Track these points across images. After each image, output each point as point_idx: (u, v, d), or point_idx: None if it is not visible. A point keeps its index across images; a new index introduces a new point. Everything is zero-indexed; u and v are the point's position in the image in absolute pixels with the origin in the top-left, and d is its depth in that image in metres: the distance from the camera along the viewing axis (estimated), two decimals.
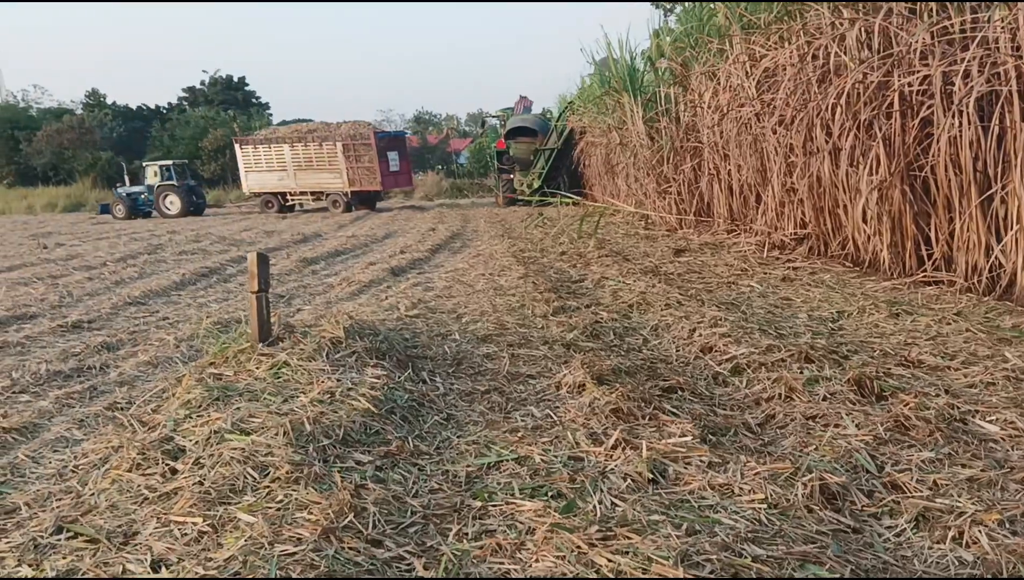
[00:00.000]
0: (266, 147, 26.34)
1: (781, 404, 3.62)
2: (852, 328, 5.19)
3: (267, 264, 4.07)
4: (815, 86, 7.18)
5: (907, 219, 6.72)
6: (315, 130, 27.02)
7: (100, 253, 12.98)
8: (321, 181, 25.84)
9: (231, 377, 3.82)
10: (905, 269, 6.90)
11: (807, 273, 7.60)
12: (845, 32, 6.62)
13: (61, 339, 6.33)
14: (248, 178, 26.84)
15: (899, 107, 6.23)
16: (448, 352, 4.67)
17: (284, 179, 26.20)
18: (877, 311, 5.47)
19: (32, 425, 4.03)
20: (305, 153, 25.84)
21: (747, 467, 2.71)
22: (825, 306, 5.95)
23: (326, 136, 25.87)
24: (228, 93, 53.71)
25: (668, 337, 5.09)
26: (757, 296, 6.57)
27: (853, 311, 5.62)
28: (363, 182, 25.49)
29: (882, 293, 6.36)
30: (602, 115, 15.05)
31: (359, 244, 13.39)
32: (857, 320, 5.40)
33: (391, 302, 6.84)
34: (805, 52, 7.32)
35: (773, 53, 7.89)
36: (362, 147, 25.33)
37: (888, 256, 6.94)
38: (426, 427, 3.38)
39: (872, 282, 6.89)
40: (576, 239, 11.21)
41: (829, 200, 7.76)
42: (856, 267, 7.65)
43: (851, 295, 6.29)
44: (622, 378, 3.98)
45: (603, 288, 7.30)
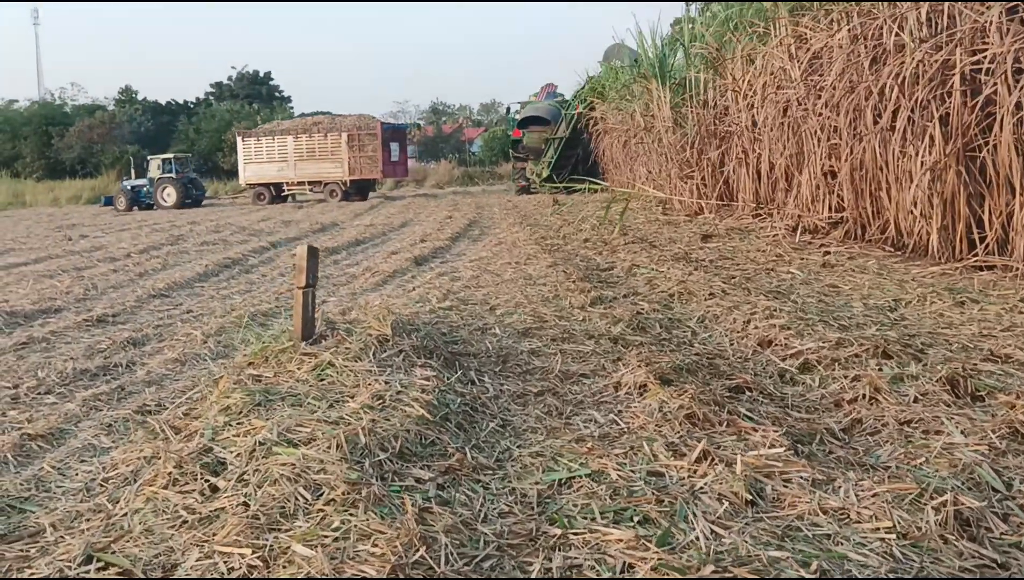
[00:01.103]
0: (269, 139, 26.83)
1: (866, 406, 3.25)
2: (915, 318, 4.80)
3: (317, 258, 3.72)
4: (866, 67, 6.74)
5: (960, 201, 6.30)
6: (320, 122, 27.66)
7: (123, 244, 12.70)
8: (321, 170, 26.23)
9: (272, 379, 3.48)
10: (955, 253, 6.49)
11: (846, 258, 7.21)
12: (907, 12, 6.17)
13: (86, 334, 6.04)
14: (247, 170, 27.24)
15: (959, 86, 5.79)
16: (491, 348, 4.32)
17: (284, 169, 26.61)
18: (939, 299, 5.09)
19: (58, 431, 3.71)
20: (309, 144, 26.29)
21: (860, 486, 2.35)
22: (877, 294, 5.56)
23: (331, 127, 26.46)
24: (253, 88, 53.82)
25: (719, 329, 4.73)
26: (800, 283, 6.19)
27: (912, 299, 5.24)
28: (364, 170, 25.99)
29: (933, 279, 5.97)
30: (625, 101, 14.61)
31: (377, 233, 13.04)
32: (918, 309, 5.02)
33: (420, 293, 6.49)
34: (858, 32, 6.88)
35: (822, 35, 7.44)
36: (367, 137, 25.89)
37: (937, 240, 6.53)
38: (483, 435, 3.03)
39: (918, 267, 6.49)
40: (598, 226, 10.83)
41: (872, 183, 7.34)
42: (897, 252, 7.25)
43: (902, 282, 5.90)
44: (684, 377, 3.62)
45: (635, 276, 6.94)
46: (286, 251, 10.95)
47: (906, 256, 7.01)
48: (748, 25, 9.57)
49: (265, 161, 26.72)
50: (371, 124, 26.37)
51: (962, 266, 6.21)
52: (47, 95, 56.74)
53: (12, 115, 50.24)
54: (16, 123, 48.67)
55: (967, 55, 5.82)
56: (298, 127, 27.14)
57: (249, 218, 18.35)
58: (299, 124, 27.82)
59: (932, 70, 6.05)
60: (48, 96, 56.18)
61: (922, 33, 6.17)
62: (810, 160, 8.28)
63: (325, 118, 28.59)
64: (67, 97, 54.49)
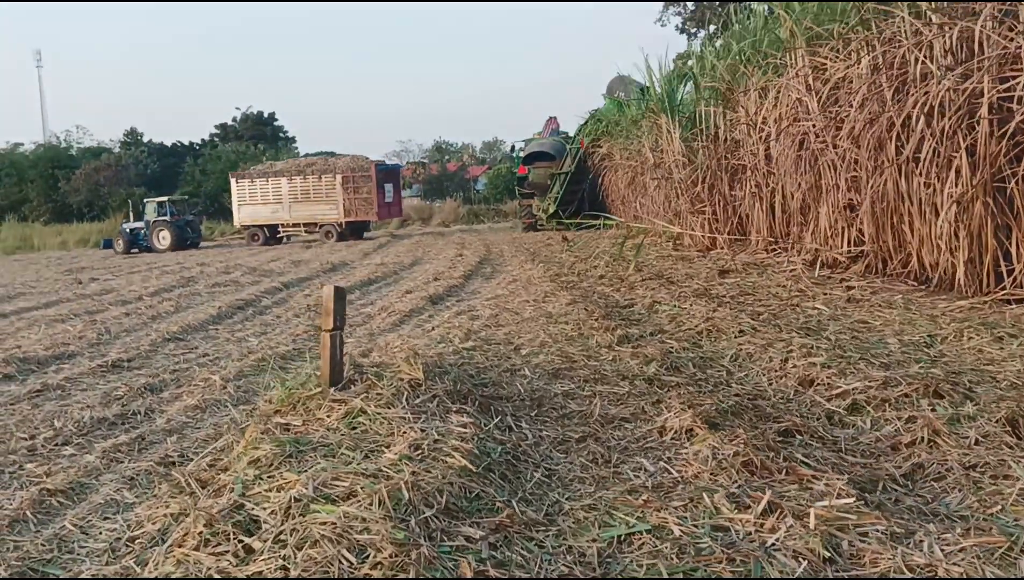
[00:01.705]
0: (263, 181, 26.89)
1: (926, 450, 3.08)
2: (954, 354, 4.64)
3: (344, 299, 3.58)
4: (889, 97, 6.67)
5: (988, 233, 6.16)
6: (314, 164, 27.73)
7: (134, 287, 12.60)
8: (316, 212, 26.26)
9: (301, 428, 3.32)
10: (982, 287, 6.34)
11: (869, 293, 7.05)
12: (933, 39, 6.11)
13: (102, 380, 5.89)
14: (241, 211, 27.26)
15: (987, 115, 5.71)
16: (523, 390, 4.16)
17: (278, 211, 26.61)
18: (977, 335, 4.92)
19: (79, 485, 3.55)
20: (303, 186, 26.35)
21: (943, 540, 2.18)
22: (910, 329, 5.41)
23: (325, 169, 26.51)
24: (257, 128, 54.34)
25: (756, 368, 4.57)
26: (828, 319, 6.03)
27: (947, 335, 5.08)
28: (359, 212, 26.01)
29: (963, 313, 5.81)
30: (634, 136, 14.62)
31: (389, 272, 12.94)
32: (956, 345, 4.86)
33: (440, 333, 6.35)
34: (879, 62, 6.82)
35: (841, 64, 7.40)
36: (361, 179, 25.91)
37: (964, 273, 6.39)
38: (529, 487, 2.86)
39: (944, 302, 6.33)
40: (612, 262, 10.71)
41: (894, 216, 7.22)
42: (921, 286, 7.09)
43: (933, 317, 5.75)
44: (730, 420, 3.46)
45: (657, 313, 6.79)
46: (299, 292, 10.85)
47: (931, 290, 6.86)
48: (763, 57, 9.55)
49: (260, 203, 26.75)
50: (365, 165, 26.39)
51: (991, 300, 6.06)
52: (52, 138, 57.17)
53: (18, 158, 50.54)
54: (22, 166, 48.93)
55: (995, 83, 5.74)
56: (292, 168, 27.22)
57: (258, 259, 18.29)
58: (293, 165, 27.90)
59: (960, 99, 5.96)
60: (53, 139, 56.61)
61: (947, 61, 6.10)
62: (828, 193, 8.19)
63: (319, 159, 28.70)
64: (72, 140, 54.95)
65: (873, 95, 6.87)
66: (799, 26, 8.19)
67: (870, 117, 7.06)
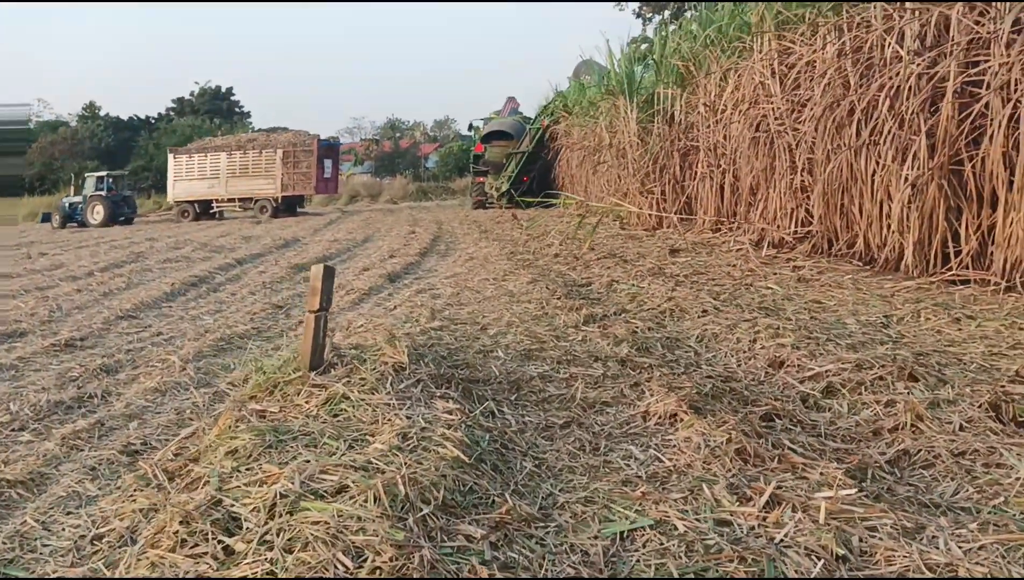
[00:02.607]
0: (201, 156, 26.06)
1: (910, 436, 3.00)
2: (913, 335, 4.63)
3: (332, 279, 3.31)
4: (854, 81, 6.63)
5: (939, 215, 6.20)
6: (255, 139, 27.07)
7: (83, 262, 11.90)
8: (253, 187, 25.57)
9: (278, 415, 3.06)
10: (928, 267, 6.40)
11: (817, 272, 7.08)
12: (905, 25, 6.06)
13: (55, 360, 5.47)
14: (176, 187, 26.43)
15: (951, 99, 5.70)
16: (498, 373, 3.97)
17: (214, 186, 25.88)
18: (934, 316, 4.92)
19: (38, 475, 3.23)
20: (242, 160, 25.63)
21: (958, 536, 2.10)
22: (863, 310, 5.41)
23: (267, 144, 25.86)
24: (214, 103, 52.39)
25: (724, 349, 4.48)
26: (783, 299, 6.01)
27: (904, 316, 5.08)
28: (296, 187, 25.44)
29: (911, 293, 5.85)
30: (591, 118, 14.44)
31: (343, 249, 12.53)
32: (914, 326, 4.85)
33: (404, 312, 6.09)
34: (847, 47, 6.77)
35: (807, 49, 7.33)
36: (302, 153, 25.33)
37: (912, 254, 6.44)
38: (520, 479, 2.69)
39: (890, 282, 6.37)
40: (566, 241, 10.57)
41: (844, 197, 7.25)
42: (866, 266, 7.16)
43: (884, 297, 5.77)
44: (710, 404, 3.35)
45: (617, 292, 6.68)
46: (253, 268, 10.38)
47: (876, 270, 6.93)
48: (728, 40, 9.45)
49: (196, 178, 25.97)
50: (307, 140, 25.83)
51: (938, 280, 6.11)
52: None
53: None
54: None
55: (962, 67, 5.73)
56: (232, 144, 26.49)
57: (208, 234, 17.52)
58: (232, 141, 27.16)
59: (925, 84, 5.95)
60: None
61: (915, 46, 6.08)
62: (782, 175, 8.19)
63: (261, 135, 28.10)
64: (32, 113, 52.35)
65: (838, 79, 6.84)
66: (770, 10, 8.10)
67: (832, 100, 7.03)
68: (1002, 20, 5.45)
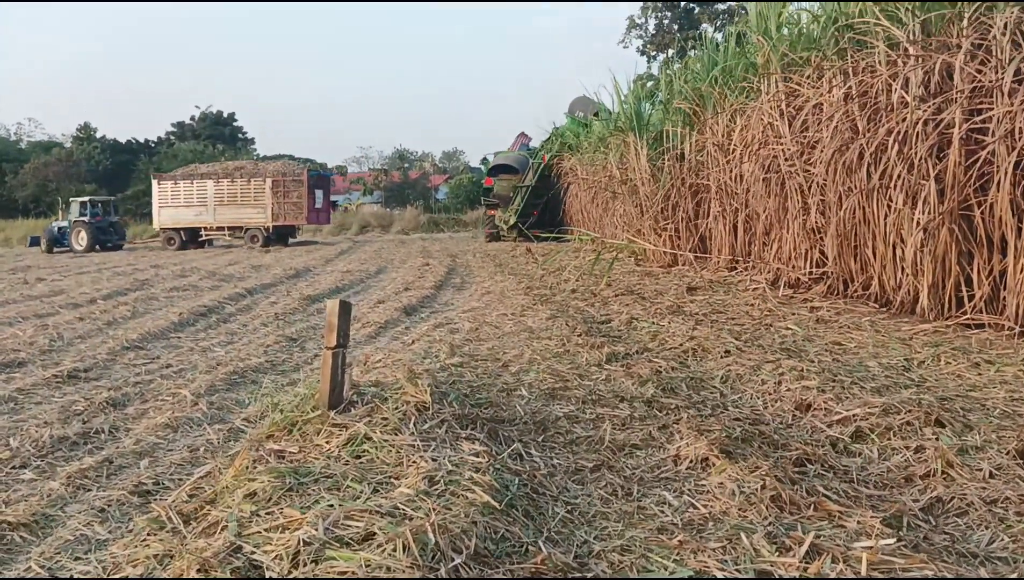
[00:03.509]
0: (187, 183, 26.02)
1: (942, 483, 2.96)
2: (935, 379, 4.60)
3: (349, 315, 3.27)
4: (863, 124, 6.69)
5: (951, 259, 6.22)
6: (243, 167, 27.08)
7: (85, 289, 11.85)
8: (242, 216, 25.56)
9: (297, 455, 3.00)
10: (944, 311, 6.39)
11: (835, 314, 7.05)
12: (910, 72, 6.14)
13: (58, 392, 5.38)
14: (161, 214, 26.31)
15: (958, 145, 5.75)
16: (523, 413, 3.92)
17: (202, 214, 25.81)
18: (954, 360, 4.89)
19: (43, 517, 3.14)
20: (230, 188, 25.60)
21: None
22: (884, 352, 5.36)
23: (255, 173, 25.90)
24: (216, 128, 52.68)
25: (749, 391, 4.43)
26: (803, 340, 5.97)
27: (924, 359, 5.04)
28: (287, 217, 25.42)
29: (929, 337, 5.81)
30: (600, 153, 14.57)
31: (356, 280, 12.52)
32: (934, 370, 4.82)
33: (422, 347, 6.05)
34: (853, 92, 6.84)
35: (814, 92, 7.41)
36: (292, 183, 25.39)
37: (927, 297, 6.43)
38: (553, 525, 2.62)
39: (908, 325, 6.34)
40: (582, 276, 10.56)
41: (858, 239, 7.26)
42: (883, 309, 7.13)
43: (903, 340, 5.73)
44: (741, 448, 3.29)
45: (637, 330, 6.64)
46: (264, 298, 10.37)
47: (892, 313, 6.89)
48: (735, 81, 9.56)
49: (182, 205, 25.89)
50: (296, 170, 26.05)
51: (953, 324, 6.10)
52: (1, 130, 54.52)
53: None
54: None
55: (966, 114, 5.79)
56: (219, 172, 26.44)
57: (215, 262, 17.56)
58: (220, 168, 27.12)
59: (931, 129, 6.01)
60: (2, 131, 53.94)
61: (920, 92, 6.15)
62: (795, 215, 8.21)
63: (248, 163, 28.20)
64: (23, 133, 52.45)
65: (846, 123, 6.90)
66: (775, 52, 8.20)
67: (841, 143, 7.09)
68: (1003, 70, 5.52)
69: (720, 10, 39.10)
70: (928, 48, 6.16)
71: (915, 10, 6.32)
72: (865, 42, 6.94)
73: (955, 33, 5.99)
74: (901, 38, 6.33)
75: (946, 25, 6.16)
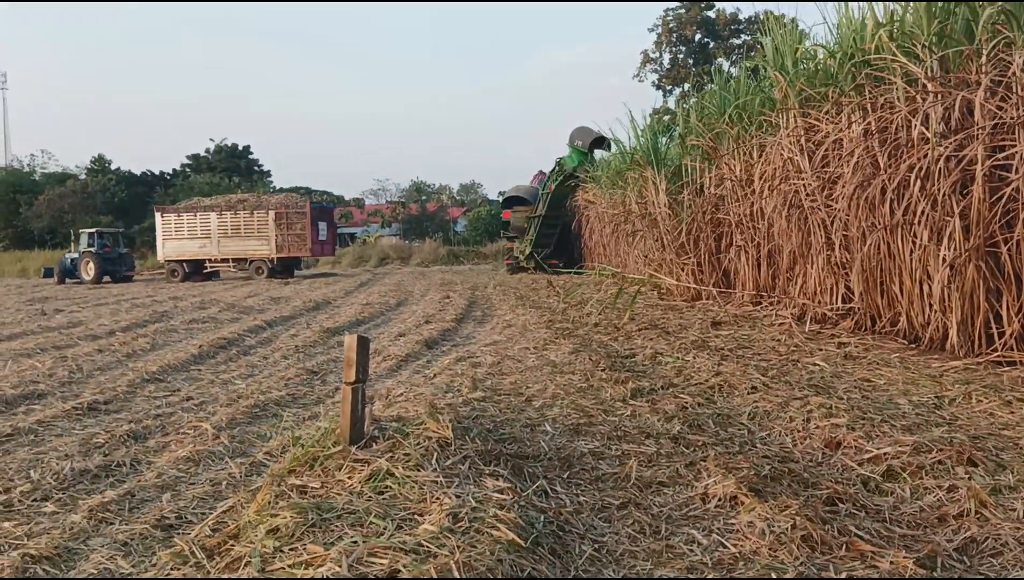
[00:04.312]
0: (191, 215, 26.55)
1: (975, 523, 2.92)
2: (967, 417, 4.54)
3: (367, 350, 3.32)
4: (883, 160, 6.72)
5: (979, 295, 6.18)
6: (245, 200, 27.60)
7: (103, 321, 12.04)
8: (247, 248, 26.05)
9: (319, 491, 3.02)
10: (974, 348, 6.32)
11: (862, 350, 6.99)
12: (929, 108, 6.17)
13: (78, 424, 5.45)
14: (166, 246, 26.82)
15: (981, 182, 5.76)
16: (547, 449, 3.92)
17: (206, 246, 26.32)
18: (985, 398, 4.83)
19: (65, 550, 3.16)
20: (233, 220, 26.11)
21: None
22: (914, 390, 5.31)
23: (258, 205, 26.40)
24: (231, 161, 53.56)
25: (778, 428, 4.40)
26: (832, 376, 5.92)
27: (955, 397, 4.98)
28: (291, 249, 25.87)
29: (959, 374, 5.75)
30: (618, 188, 14.69)
31: (376, 312, 12.61)
32: (966, 408, 4.76)
33: (444, 381, 6.07)
34: (872, 127, 6.89)
35: (833, 127, 7.45)
36: (295, 215, 25.88)
37: (956, 334, 6.37)
38: (580, 563, 2.62)
39: (937, 361, 6.28)
40: (604, 310, 10.57)
41: (884, 275, 7.23)
42: (912, 345, 7.06)
43: (933, 377, 5.66)
44: (770, 486, 3.27)
45: (661, 365, 6.62)
46: (283, 331, 10.46)
47: (922, 349, 6.83)
48: (749, 117, 9.63)
49: (186, 237, 26.39)
50: (300, 203, 26.52)
51: (984, 361, 6.03)
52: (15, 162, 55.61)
53: None
54: None
55: (988, 151, 5.81)
56: (222, 204, 27.01)
57: (235, 294, 17.77)
58: (223, 201, 27.68)
59: (953, 166, 6.02)
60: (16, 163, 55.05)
61: (940, 128, 6.17)
62: (817, 250, 8.20)
63: (251, 196, 28.81)
64: (36, 165, 53.46)
65: (867, 159, 6.92)
66: (792, 88, 8.28)
67: (863, 179, 7.10)
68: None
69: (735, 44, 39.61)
70: (947, 84, 6.19)
71: (932, 46, 6.38)
72: (882, 78, 6.99)
73: (974, 70, 6.03)
74: (919, 75, 6.37)
75: (964, 61, 6.21)
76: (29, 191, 45.72)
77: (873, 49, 7.05)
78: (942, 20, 6.40)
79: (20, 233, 44.33)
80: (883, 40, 6.86)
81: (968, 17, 6.28)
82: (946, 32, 6.40)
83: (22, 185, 47.03)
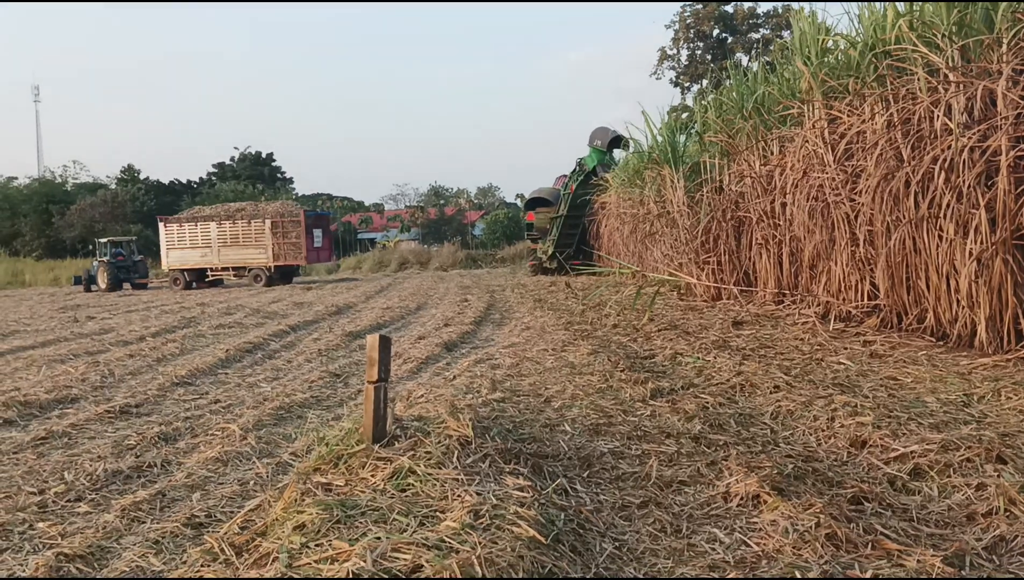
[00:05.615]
0: (192, 225, 27.00)
1: (1005, 521, 2.88)
2: (996, 415, 4.47)
3: (389, 350, 3.36)
4: (907, 152, 6.64)
5: (1008, 290, 6.08)
6: (243, 209, 28.03)
7: (134, 327, 12.28)
8: (245, 257, 26.42)
9: (343, 488, 3.07)
10: (1003, 344, 6.21)
11: (889, 348, 6.90)
12: (951, 98, 6.10)
13: (110, 427, 5.59)
14: (170, 255, 27.28)
15: (1006, 173, 5.67)
16: (567, 448, 3.94)
17: (207, 255, 26.76)
18: (1015, 395, 4.75)
19: (98, 549, 3.25)
20: (232, 230, 26.52)
21: None
22: (943, 388, 5.24)
23: (255, 214, 26.79)
24: (255, 169, 54.41)
25: (801, 427, 4.37)
26: (857, 375, 5.86)
27: (984, 394, 4.91)
28: (288, 257, 26.21)
29: (988, 371, 5.66)
30: (636, 187, 14.65)
31: (396, 316, 12.70)
32: (995, 405, 4.68)
33: (464, 382, 6.11)
34: (895, 119, 6.81)
35: (856, 119, 7.38)
36: (290, 224, 26.20)
37: (985, 330, 6.27)
38: (601, 561, 2.63)
39: (966, 359, 6.18)
40: (623, 310, 10.54)
41: (910, 270, 7.13)
42: (939, 342, 6.96)
43: (962, 375, 5.59)
44: (794, 485, 3.25)
45: (682, 365, 6.60)
46: (307, 335, 10.58)
47: (950, 346, 6.73)
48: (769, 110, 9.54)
49: (188, 246, 26.87)
50: (294, 211, 26.85)
51: (1014, 358, 5.92)
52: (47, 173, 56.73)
53: (12, 192, 49.97)
54: (16, 201, 48.37)
55: (1012, 142, 5.71)
56: (221, 214, 27.46)
57: (260, 300, 18.00)
58: (222, 210, 28.13)
59: (978, 157, 5.93)
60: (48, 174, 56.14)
61: (963, 119, 6.08)
62: (841, 246, 8.11)
63: (248, 205, 29.23)
64: (68, 175, 54.48)
65: (890, 151, 6.84)
66: (816, 79, 8.20)
67: (886, 172, 7.02)
68: None
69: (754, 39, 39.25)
70: (968, 74, 6.10)
71: (952, 36, 6.29)
72: (904, 68, 6.90)
73: (995, 59, 5.94)
74: (940, 64, 6.29)
75: (985, 51, 6.12)
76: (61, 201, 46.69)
77: (893, 39, 6.97)
78: (961, 9, 6.32)
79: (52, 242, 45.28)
80: (903, 30, 6.78)
81: (987, 6, 6.19)
82: (966, 21, 6.32)
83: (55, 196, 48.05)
